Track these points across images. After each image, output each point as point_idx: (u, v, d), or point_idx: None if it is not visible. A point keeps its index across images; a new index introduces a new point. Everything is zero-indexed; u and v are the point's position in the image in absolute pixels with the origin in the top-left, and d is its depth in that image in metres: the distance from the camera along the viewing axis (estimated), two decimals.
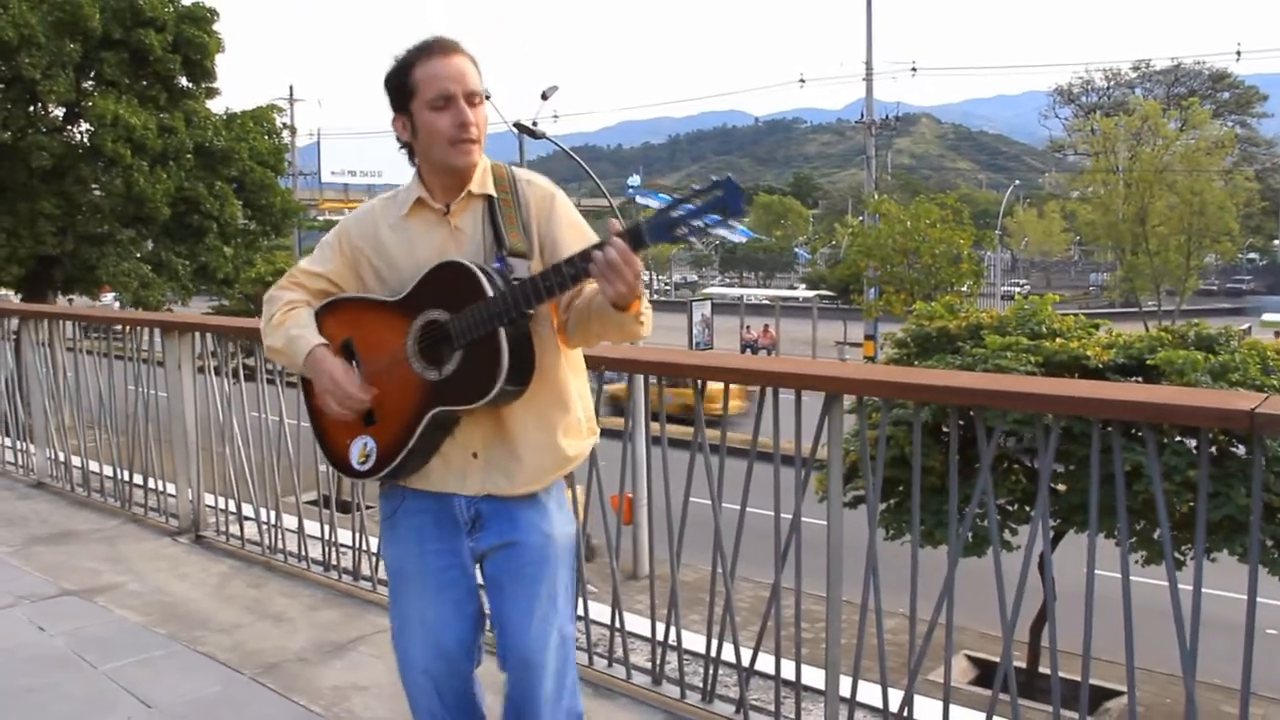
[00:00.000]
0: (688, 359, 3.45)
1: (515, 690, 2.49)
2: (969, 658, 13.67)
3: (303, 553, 5.02)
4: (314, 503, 5.07)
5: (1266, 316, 36.21)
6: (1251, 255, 70.00)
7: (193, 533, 5.60)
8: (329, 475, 4.74)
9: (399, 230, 2.41)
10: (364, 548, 4.72)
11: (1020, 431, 10.76)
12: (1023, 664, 12.20)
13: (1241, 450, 10.55)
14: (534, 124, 24.15)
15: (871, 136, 38.51)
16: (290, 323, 2.46)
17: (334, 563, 4.87)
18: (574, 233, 2.42)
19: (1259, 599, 2.63)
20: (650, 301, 2.31)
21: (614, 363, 3.51)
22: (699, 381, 3.41)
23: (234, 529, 5.45)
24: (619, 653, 3.79)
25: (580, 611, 3.83)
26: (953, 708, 3.14)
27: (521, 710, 2.49)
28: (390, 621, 2.55)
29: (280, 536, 5.15)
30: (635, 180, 69.39)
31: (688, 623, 3.70)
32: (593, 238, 2.44)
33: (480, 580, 2.51)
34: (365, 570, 4.71)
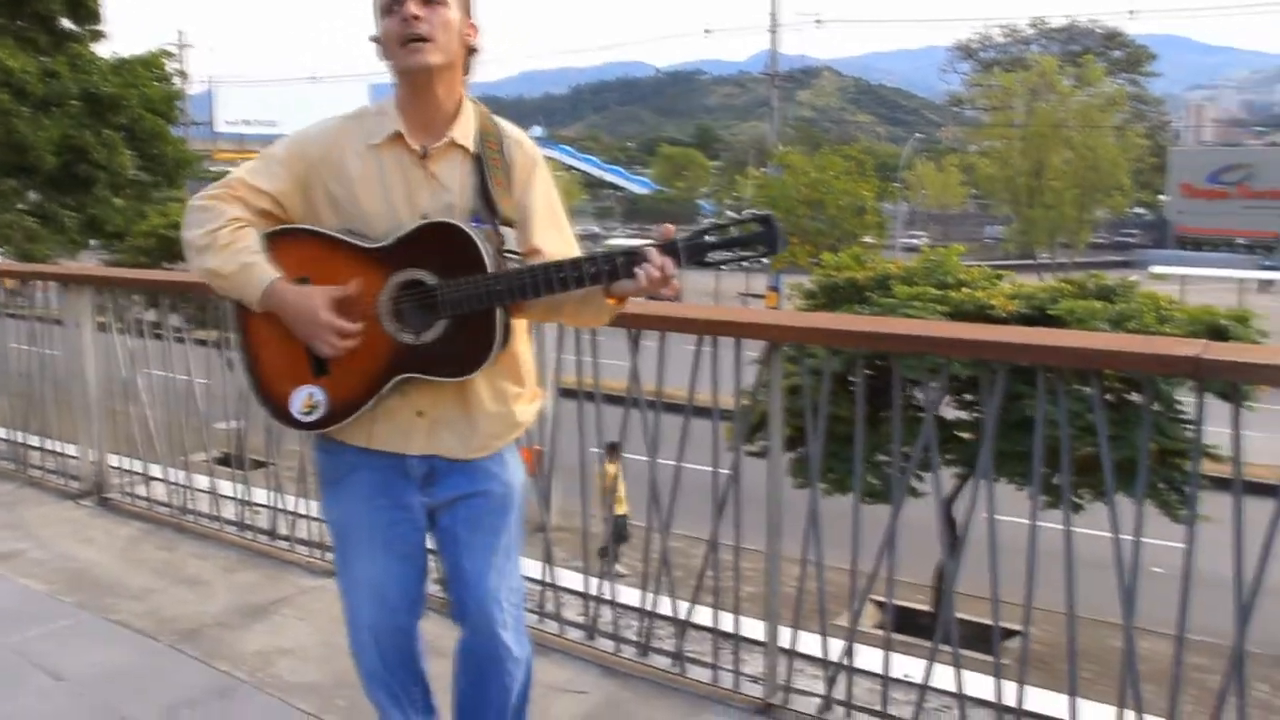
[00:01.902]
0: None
1: (474, 643, 2.42)
2: (876, 603, 13.93)
3: (216, 513, 4.85)
4: (223, 461, 4.90)
5: (1155, 268, 37.24)
6: (1140, 210, 71.99)
7: (96, 495, 5.38)
8: (239, 433, 4.62)
9: (368, 160, 2.22)
10: (280, 506, 4.57)
11: (924, 380, 10.92)
12: (928, 607, 12.45)
13: (1137, 397, 10.84)
14: None
15: (775, 88, 38.59)
16: (241, 244, 2.19)
17: (249, 522, 4.71)
18: (547, 211, 2.31)
19: (1147, 540, 2.68)
20: None
21: None
22: (634, 331, 3.33)
23: (141, 490, 5.25)
24: (550, 608, 3.73)
25: None
26: (878, 653, 3.17)
27: (483, 663, 2.42)
28: (338, 582, 2.44)
29: (191, 497, 4.97)
30: (538, 131, 68.72)
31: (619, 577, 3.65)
32: (562, 220, 2.35)
33: (430, 533, 2.41)
34: (283, 529, 4.57)
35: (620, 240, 53.01)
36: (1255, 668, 2.63)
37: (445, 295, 2.11)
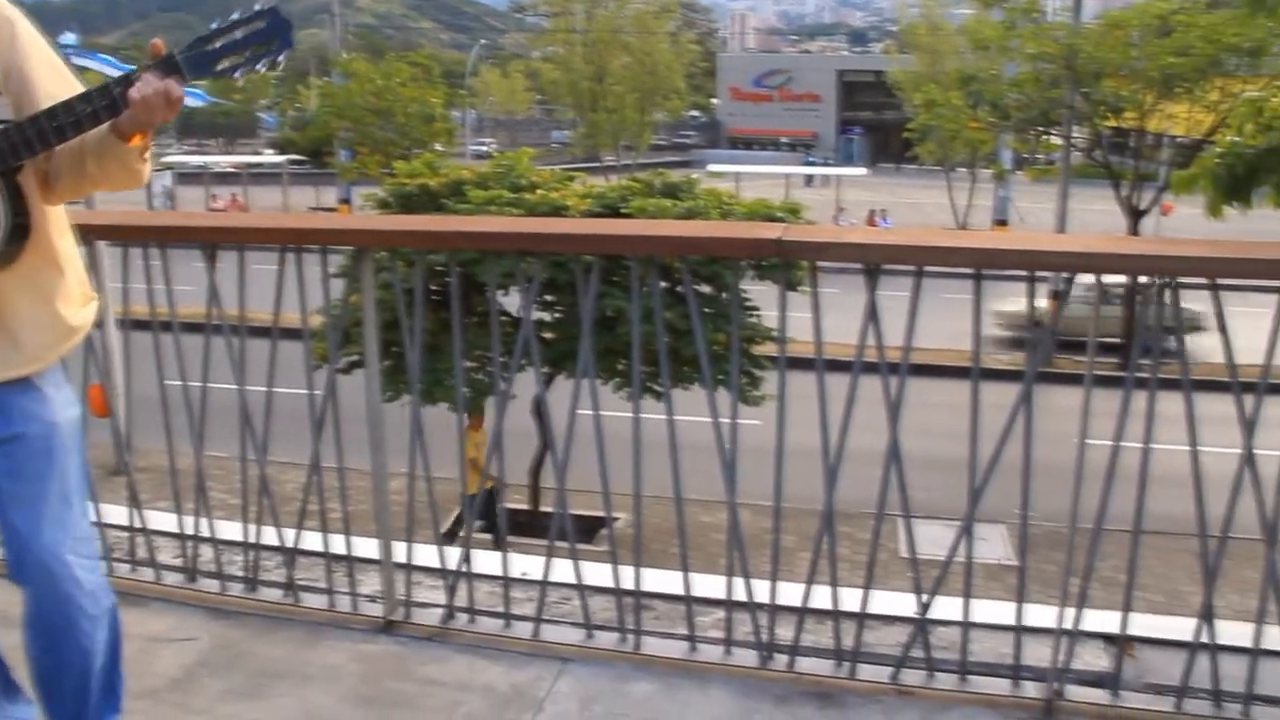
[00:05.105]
0: (196, 221, 3.08)
1: (40, 604, 2.16)
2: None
3: None
4: None
5: (712, 167, 39.73)
6: (694, 113, 76.21)
7: None
8: None
9: None
10: None
11: (507, 285, 11.10)
12: (526, 506, 12.76)
13: (707, 289, 11.56)
14: None
15: None
16: None
17: None
18: (48, 69, 2.03)
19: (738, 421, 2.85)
20: None
21: (110, 230, 3.04)
22: (212, 246, 3.07)
23: None
24: (143, 554, 3.43)
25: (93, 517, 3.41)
26: (494, 555, 3.18)
27: (54, 625, 2.17)
28: None
29: None
30: (71, 38, 61.71)
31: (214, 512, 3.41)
32: (65, 73, 2.07)
33: None
34: None
35: (177, 158, 49.36)
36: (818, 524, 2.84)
37: None
